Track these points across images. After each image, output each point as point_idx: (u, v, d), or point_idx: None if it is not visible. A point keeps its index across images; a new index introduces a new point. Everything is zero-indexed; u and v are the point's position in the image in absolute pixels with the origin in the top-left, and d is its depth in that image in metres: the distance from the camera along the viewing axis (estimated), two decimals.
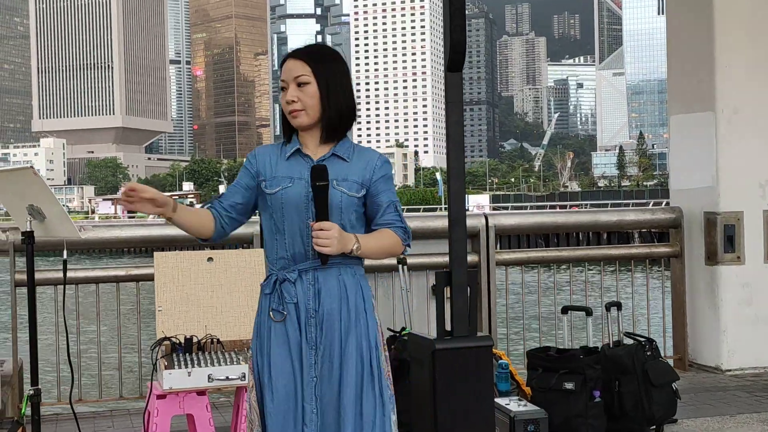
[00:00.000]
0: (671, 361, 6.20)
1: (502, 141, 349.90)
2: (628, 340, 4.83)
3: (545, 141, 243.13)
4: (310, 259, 2.70)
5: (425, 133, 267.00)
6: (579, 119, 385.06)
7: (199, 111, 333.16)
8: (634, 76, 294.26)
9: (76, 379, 4.93)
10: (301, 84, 2.73)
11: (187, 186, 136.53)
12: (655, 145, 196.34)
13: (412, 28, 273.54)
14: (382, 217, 2.77)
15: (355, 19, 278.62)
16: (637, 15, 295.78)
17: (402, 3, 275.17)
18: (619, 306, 4.98)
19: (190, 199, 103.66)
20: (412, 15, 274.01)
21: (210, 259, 4.29)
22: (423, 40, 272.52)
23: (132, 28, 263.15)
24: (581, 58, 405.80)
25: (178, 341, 3.98)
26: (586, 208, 45.53)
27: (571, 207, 58.70)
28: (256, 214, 2.92)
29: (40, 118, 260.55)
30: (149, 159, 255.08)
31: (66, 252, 3.33)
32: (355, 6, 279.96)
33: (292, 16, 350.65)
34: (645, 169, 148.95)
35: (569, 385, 4.47)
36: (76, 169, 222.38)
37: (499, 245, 6.08)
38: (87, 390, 5.87)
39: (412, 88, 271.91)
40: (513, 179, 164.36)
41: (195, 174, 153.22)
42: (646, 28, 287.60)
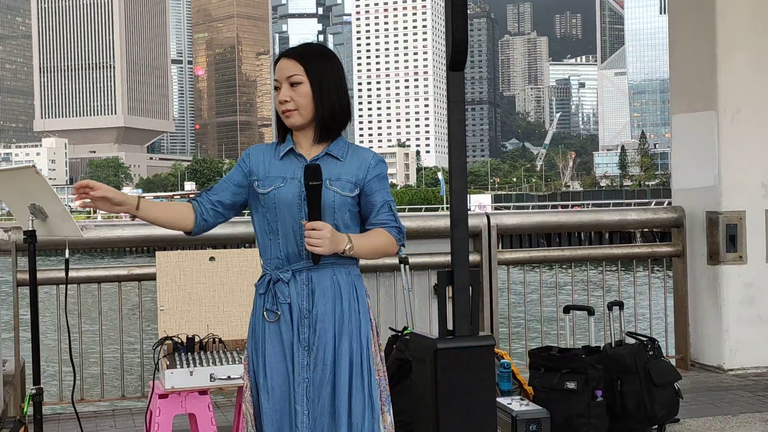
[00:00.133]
0: (673, 361, 6.19)
1: (504, 140, 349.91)
2: (630, 340, 4.82)
3: (547, 140, 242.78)
4: (304, 260, 2.68)
5: (427, 132, 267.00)
6: (581, 119, 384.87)
7: (201, 111, 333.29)
8: (636, 75, 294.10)
9: (78, 378, 4.93)
10: (293, 84, 2.71)
11: (189, 186, 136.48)
12: (657, 145, 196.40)
13: (414, 27, 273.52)
14: (376, 217, 2.75)
15: (357, 19, 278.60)
16: (639, 14, 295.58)
17: (403, 2, 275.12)
18: (621, 305, 4.98)
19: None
20: (414, 14, 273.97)
21: (212, 258, 4.29)
22: (425, 40, 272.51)
23: (134, 28, 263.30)
24: (583, 58, 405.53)
25: (180, 340, 3.98)
26: (588, 208, 45.46)
27: (572, 206, 58.68)
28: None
29: (42, 118, 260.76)
30: (151, 159, 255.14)
31: (68, 251, 3.32)
32: (357, 5, 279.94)
33: (293, 15, 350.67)
34: (647, 168, 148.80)
35: (571, 385, 4.46)
36: (78, 169, 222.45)
37: (500, 245, 6.07)
38: (89, 389, 5.87)
39: (414, 87, 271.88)
40: (515, 179, 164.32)
41: (197, 174, 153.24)
42: (648, 28, 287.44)
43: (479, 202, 71.96)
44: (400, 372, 4.43)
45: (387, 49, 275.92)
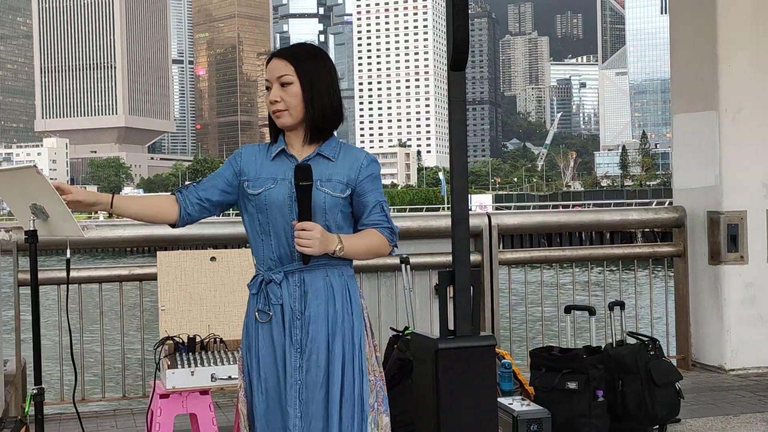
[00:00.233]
0: (674, 361, 6.19)
1: (505, 140, 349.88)
2: (631, 340, 4.82)
3: (548, 140, 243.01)
4: (296, 261, 2.67)
5: (428, 132, 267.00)
6: (582, 119, 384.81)
7: (202, 111, 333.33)
8: (637, 75, 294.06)
9: (80, 378, 4.93)
10: (284, 84, 2.70)
11: None
12: (658, 145, 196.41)
13: (415, 27, 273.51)
14: (368, 218, 2.73)
15: (358, 19, 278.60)
16: (640, 14, 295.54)
17: (404, 2, 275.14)
18: (622, 305, 4.98)
19: None
20: (415, 14, 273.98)
21: (213, 258, 4.29)
22: (425, 40, 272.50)
23: (135, 28, 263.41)
24: (584, 58, 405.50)
25: (181, 340, 3.98)
26: (589, 208, 45.49)
27: (573, 206, 58.71)
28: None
29: (43, 118, 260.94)
30: (152, 159, 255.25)
31: (69, 251, 3.32)
32: (358, 5, 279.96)
33: (294, 15, 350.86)
34: (648, 168, 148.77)
35: (572, 385, 4.46)
36: (79, 169, 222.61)
37: (501, 245, 6.07)
38: (90, 389, 5.87)
39: (415, 87, 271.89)
40: (516, 179, 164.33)
41: (198, 174, 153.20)
42: (649, 28, 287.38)
43: (480, 202, 71.96)
44: (401, 372, 4.42)
45: (388, 49, 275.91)
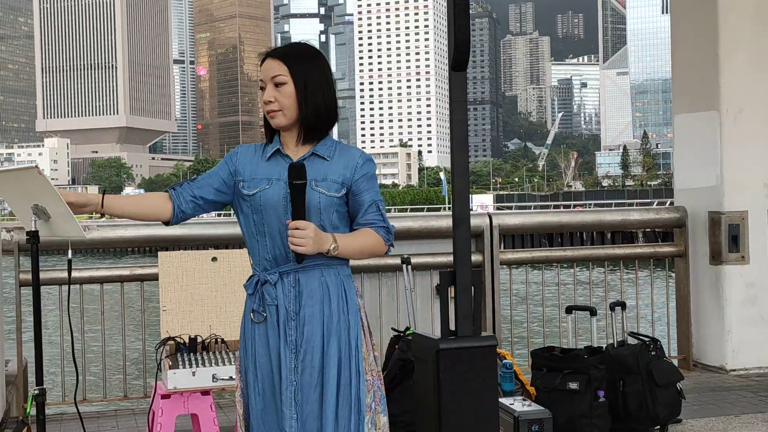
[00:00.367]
0: (676, 361, 6.19)
1: (506, 140, 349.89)
2: (632, 340, 4.82)
3: (549, 140, 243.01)
4: (291, 261, 2.65)
5: (429, 132, 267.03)
6: (583, 119, 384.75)
7: (203, 111, 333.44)
8: (638, 75, 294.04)
9: (81, 378, 4.94)
10: (278, 84, 2.69)
11: None
12: (659, 145, 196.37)
13: (416, 27, 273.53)
14: (363, 217, 2.72)
15: (359, 19, 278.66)
16: (641, 14, 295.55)
17: (405, 2, 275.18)
18: (623, 306, 4.98)
19: None
20: (416, 14, 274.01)
21: (214, 259, 4.30)
22: (426, 40, 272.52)
23: (136, 28, 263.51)
24: (585, 58, 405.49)
25: (182, 341, 3.98)
26: (590, 208, 45.50)
27: (574, 206, 58.71)
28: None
29: (44, 118, 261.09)
30: (153, 159, 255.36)
31: (71, 252, 3.32)
32: (359, 5, 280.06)
33: (295, 15, 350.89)
34: (649, 168, 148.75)
35: (573, 385, 4.46)
36: (80, 169, 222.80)
37: (503, 245, 6.07)
38: (91, 390, 5.88)
39: (416, 87, 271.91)
40: (517, 179, 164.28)
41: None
42: (650, 28, 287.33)
43: (481, 202, 71.94)
44: (403, 372, 4.43)
45: (389, 49, 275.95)
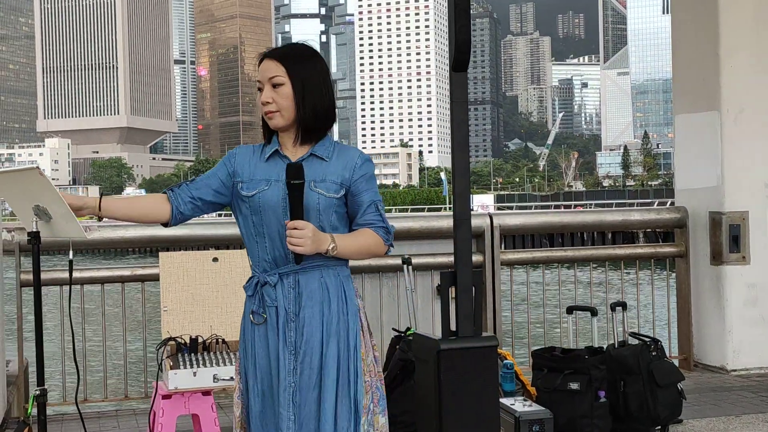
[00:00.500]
0: (676, 362, 6.19)
1: (507, 141, 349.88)
2: (633, 341, 4.82)
3: (550, 141, 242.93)
4: (291, 263, 2.65)
5: (429, 132, 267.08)
6: (583, 119, 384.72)
7: (204, 111, 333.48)
8: (639, 75, 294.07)
9: (82, 379, 4.94)
10: (275, 85, 2.68)
11: None
12: (659, 145, 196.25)
13: (417, 27, 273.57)
14: (362, 217, 2.72)
15: (360, 19, 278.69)
16: (642, 14, 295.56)
17: (406, 3, 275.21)
18: (624, 306, 4.98)
19: None
20: (417, 15, 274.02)
21: (215, 259, 4.30)
22: (427, 40, 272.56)
23: (137, 29, 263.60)
24: (586, 58, 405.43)
25: (183, 341, 3.98)
26: (591, 208, 45.49)
27: (575, 207, 58.69)
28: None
29: (45, 119, 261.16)
30: (154, 159, 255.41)
31: (72, 252, 3.33)
32: (359, 6, 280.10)
33: (296, 15, 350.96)
34: (650, 168, 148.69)
35: (574, 386, 4.46)
36: (81, 170, 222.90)
37: (503, 245, 6.07)
38: (92, 390, 5.88)
39: (417, 87, 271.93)
40: (517, 179, 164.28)
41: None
42: (650, 28, 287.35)
43: (482, 203, 71.91)
44: (403, 372, 4.43)
45: (390, 49, 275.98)
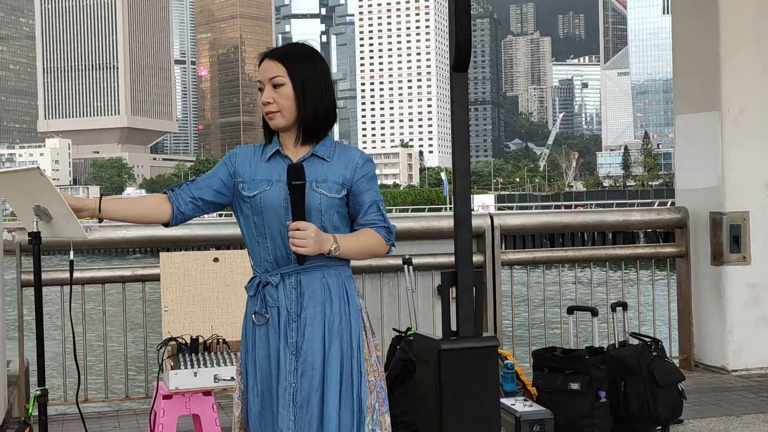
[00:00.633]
0: (677, 362, 6.19)
1: (507, 141, 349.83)
2: (633, 341, 4.82)
3: (550, 141, 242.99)
4: (293, 263, 2.65)
5: (430, 132, 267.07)
6: (584, 119, 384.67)
7: (204, 111, 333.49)
8: (639, 75, 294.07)
9: (83, 379, 4.95)
10: (276, 85, 2.68)
11: None
12: (660, 145, 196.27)
13: (417, 28, 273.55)
14: (364, 217, 2.72)
15: (360, 19, 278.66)
16: (642, 14, 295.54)
17: (407, 3, 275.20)
18: (624, 306, 4.98)
19: None
20: (417, 15, 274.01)
21: (216, 259, 4.30)
22: (428, 40, 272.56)
23: (137, 29, 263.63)
24: (586, 58, 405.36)
25: (184, 341, 3.99)
26: (591, 208, 45.48)
27: (576, 207, 58.67)
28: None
29: (45, 119, 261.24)
30: (154, 159, 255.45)
31: (72, 252, 3.33)
32: (360, 6, 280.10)
33: (296, 16, 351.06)
34: (650, 168, 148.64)
35: (575, 386, 4.46)
36: (82, 170, 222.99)
37: (504, 245, 6.07)
38: (93, 390, 5.88)
39: (417, 88, 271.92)
40: (518, 179, 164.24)
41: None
42: (651, 28, 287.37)
43: (482, 203, 71.86)
44: (404, 373, 4.43)
45: (390, 49, 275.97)
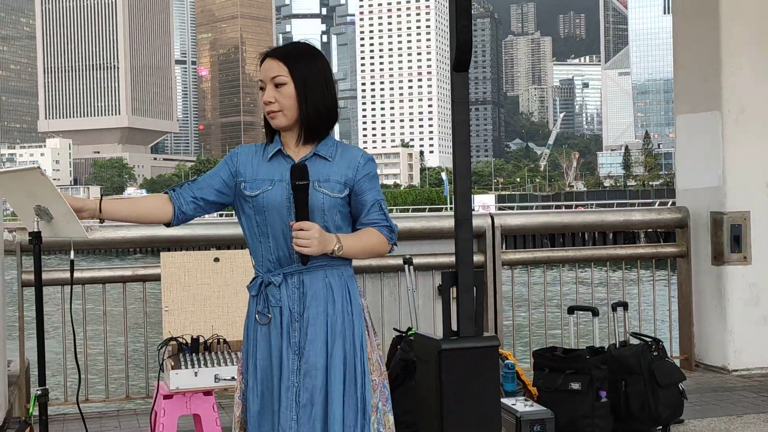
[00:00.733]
0: (678, 362, 6.19)
1: (508, 141, 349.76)
2: (634, 341, 4.82)
3: (551, 141, 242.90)
4: (295, 263, 2.65)
5: (431, 132, 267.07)
6: (584, 119, 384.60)
7: (205, 111, 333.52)
8: (640, 75, 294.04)
9: (83, 379, 4.94)
10: (278, 85, 2.68)
11: None
12: (660, 145, 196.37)
13: (418, 27, 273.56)
14: (366, 217, 2.72)
15: (361, 19, 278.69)
16: (643, 14, 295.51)
17: (407, 3, 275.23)
18: (625, 306, 4.98)
19: None
20: (418, 15, 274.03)
21: (216, 259, 4.30)
22: (428, 40, 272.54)
23: (138, 29, 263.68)
24: (587, 58, 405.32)
25: (184, 341, 3.99)
26: (592, 208, 45.48)
27: (576, 207, 58.68)
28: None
29: (46, 119, 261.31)
30: (155, 159, 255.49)
31: (73, 252, 3.33)
32: (360, 6, 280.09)
33: (297, 16, 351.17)
34: (651, 168, 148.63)
35: (575, 386, 4.46)
36: (82, 170, 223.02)
37: (504, 245, 6.07)
38: (94, 390, 5.88)
39: (418, 87, 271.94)
40: (518, 179, 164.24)
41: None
42: (651, 28, 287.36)
43: (483, 203, 71.85)
44: (405, 372, 4.43)
45: (391, 49, 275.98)
